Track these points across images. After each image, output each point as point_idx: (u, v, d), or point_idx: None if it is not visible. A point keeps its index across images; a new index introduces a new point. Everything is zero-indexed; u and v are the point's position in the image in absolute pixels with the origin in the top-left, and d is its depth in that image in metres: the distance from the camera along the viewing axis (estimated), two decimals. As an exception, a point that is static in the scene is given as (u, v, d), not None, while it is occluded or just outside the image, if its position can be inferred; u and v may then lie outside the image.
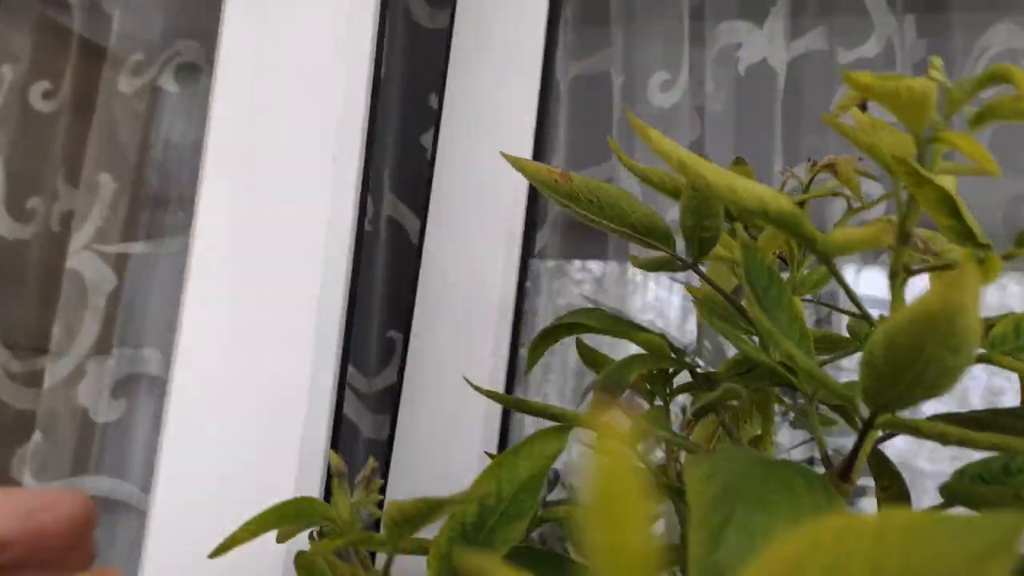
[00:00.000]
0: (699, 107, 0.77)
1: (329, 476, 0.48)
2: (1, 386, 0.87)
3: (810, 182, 0.45)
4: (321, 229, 0.45)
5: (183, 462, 0.48)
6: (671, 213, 0.75)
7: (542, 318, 0.73)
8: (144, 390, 0.84)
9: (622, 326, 0.40)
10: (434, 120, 0.61)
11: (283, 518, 0.25)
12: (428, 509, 0.27)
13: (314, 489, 0.46)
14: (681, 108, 0.75)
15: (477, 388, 0.37)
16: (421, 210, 0.56)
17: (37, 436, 0.82)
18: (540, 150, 0.58)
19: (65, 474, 0.83)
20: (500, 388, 0.53)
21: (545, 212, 0.76)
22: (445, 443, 0.52)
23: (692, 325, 0.81)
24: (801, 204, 0.45)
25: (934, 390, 0.24)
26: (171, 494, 0.47)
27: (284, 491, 0.45)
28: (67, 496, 0.24)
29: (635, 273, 0.79)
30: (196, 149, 0.89)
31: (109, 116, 0.89)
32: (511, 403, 0.37)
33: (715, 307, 0.43)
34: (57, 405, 0.83)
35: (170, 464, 0.47)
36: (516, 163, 0.42)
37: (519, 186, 0.55)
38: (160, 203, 0.88)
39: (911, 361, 0.23)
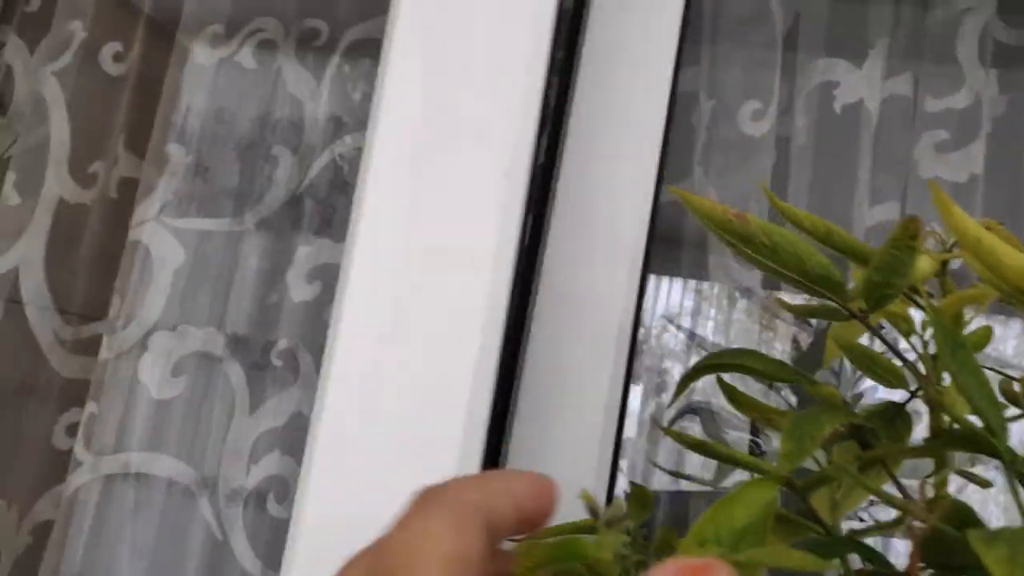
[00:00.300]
0: (784, 138, 0.78)
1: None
2: (51, 352, 0.86)
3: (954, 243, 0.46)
4: (492, 238, 0.45)
5: (332, 470, 0.47)
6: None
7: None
8: (204, 370, 0.83)
9: (789, 373, 0.40)
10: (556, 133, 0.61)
11: (555, 557, 0.25)
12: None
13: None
14: (768, 138, 0.76)
15: (666, 430, 0.37)
16: (541, 223, 0.56)
17: (91, 407, 0.81)
18: (660, 175, 0.58)
19: (113, 449, 0.82)
20: (615, 411, 0.53)
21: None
22: (558, 464, 0.52)
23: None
24: (944, 264, 0.46)
25: None
26: (320, 505, 0.47)
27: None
28: (549, 484, 0.26)
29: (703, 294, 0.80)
30: (269, 127, 0.88)
31: (180, 86, 0.88)
32: (693, 445, 0.38)
33: (856, 356, 0.44)
34: (113, 377, 0.82)
35: (319, 473, 0.47)
36: (686, 199, 0.42)
37: (642, 202, 0.56)
38: (229, 179, 0.87)
39: None
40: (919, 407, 0.39)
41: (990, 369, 0.58)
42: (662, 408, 0.70)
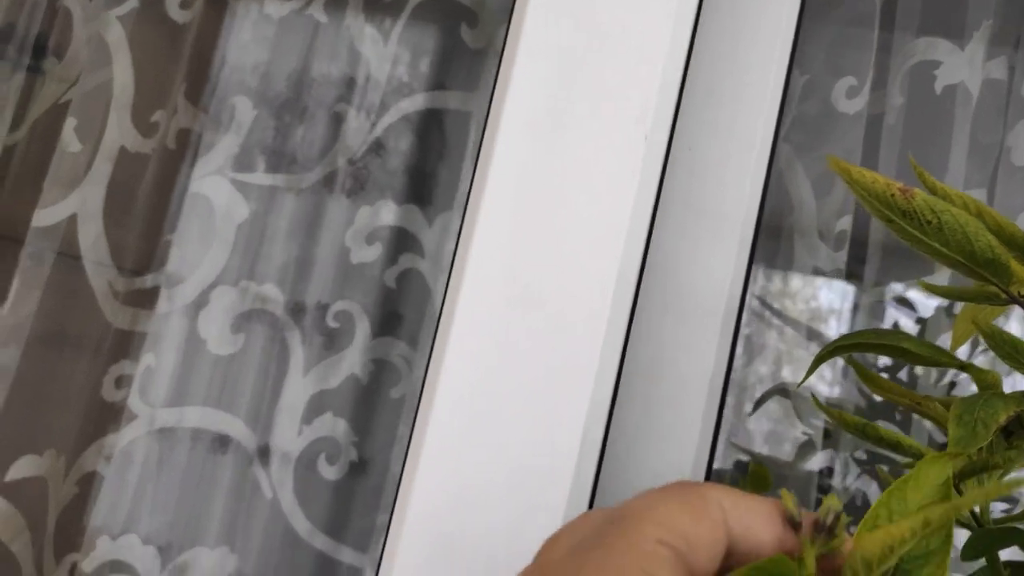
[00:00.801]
0: (877, 116, 0.75)
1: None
2: (105, 303, 0.84)
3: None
4: (627, 211, 0.43)
5: (446, 442, 0.45)
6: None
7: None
8: (264, 327, 0.81)
9: (946, 356, 0.39)
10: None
11: None
12: (890, 548, 0.25)
13: (585, 495, 0.44)
14: (861, 116, 0.74)
15: (821, 406, 0.35)
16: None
17: (148, 359, 0.80)
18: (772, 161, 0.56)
19: (171, 402, 0.80)
20: (717, 395, 0.51)
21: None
22: (659, 448, 0.50)
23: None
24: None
25: None
26: (430, 478, 0.45)
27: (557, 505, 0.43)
28: (776, 510, 0.25)
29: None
30: (335, 83, 0.86)
31: (249, 37, 0.85)
32: (853, 426, 0.36)
33: (998, 342, 0.42)
34: (170, 330, 0.80)
35: (432, 443, 0.45)
36: (844, 171, 0.40)
37: (754, 181, 0.53)
38: (294, 135, 0.84)
39: None
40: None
41: None
42: (746, 390, 0.68)
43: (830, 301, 0.72)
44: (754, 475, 0.38)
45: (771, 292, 0.73)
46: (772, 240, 0.76)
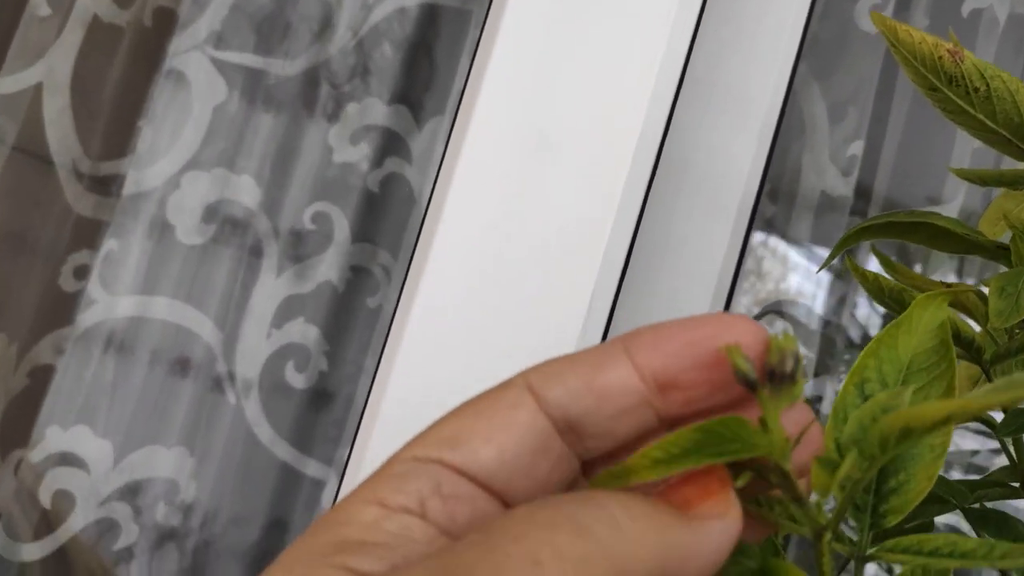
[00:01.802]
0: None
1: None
2: (68, 184, 0.79)
3: None
4: (651, 80, 0.39)
5: (437, 314, 0.42)
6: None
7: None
8: (234, 222, 0.77)
9: (984, 238, 0.35)
10: None
11: (701, 452, 0.17)
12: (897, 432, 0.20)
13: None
14: (883, 36, 0.70)
15: (857, 269, 0.32)
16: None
17: (110, 244, 0.75)
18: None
19: (132, 290, 0.76)
20: (726, 287, 0.48)
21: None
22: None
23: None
24: None
25: None
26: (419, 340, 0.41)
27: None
28: (734, 320, 0.19)
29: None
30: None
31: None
32: (888, 294, 0.33)
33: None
34: (137, 215, 0.76)
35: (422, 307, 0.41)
36: (890, 29, 0.37)
37: (780, 71, 0.50)
38: (283, 16, 0.79)
39: None
40: None
41: None
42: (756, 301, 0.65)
43: (836, 223, 0.69)
44: (778, 347, 0.34)
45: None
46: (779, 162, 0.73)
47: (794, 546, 0.73)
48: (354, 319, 0.84)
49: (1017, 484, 0.33)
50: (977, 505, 0.33)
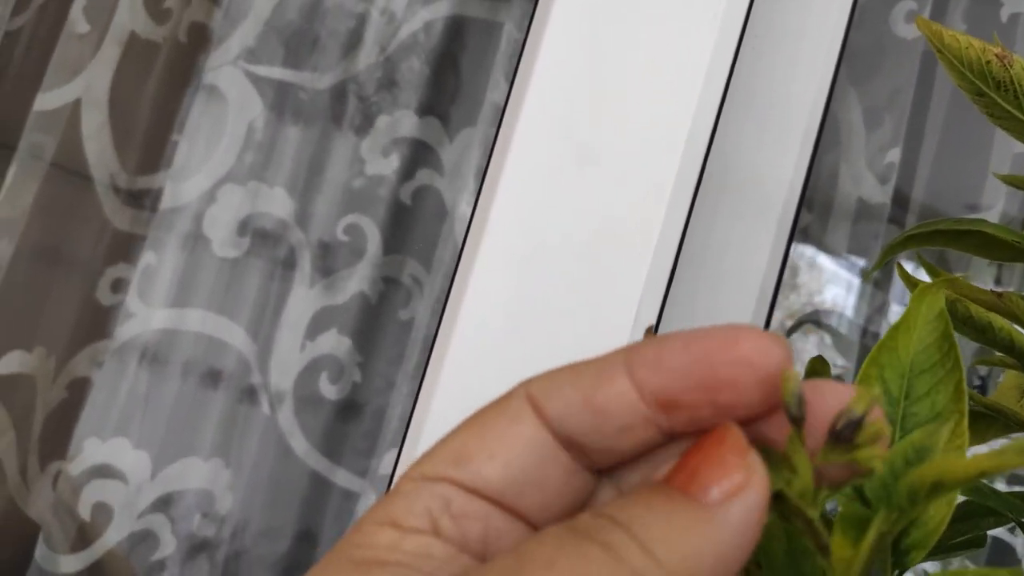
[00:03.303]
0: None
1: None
2: (107, 203, 0.80)
3: None
4: (695, 95, 0.38)
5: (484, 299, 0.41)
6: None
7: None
8: (269, 235, 0.77)
9: (1036, 245, 0.35)
10: None
11: None
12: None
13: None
14: (919, 42, 0.69)
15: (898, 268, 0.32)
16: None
17: (148, 257, 0.76)
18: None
19: (169, 303, 0.77)
20: (769, 295, 0.48)
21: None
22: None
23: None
24: None
25: None
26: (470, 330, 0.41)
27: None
28: (743, 333, 0.17)
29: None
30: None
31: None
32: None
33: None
34: (174, 228, 0.76)
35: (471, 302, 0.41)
36: (935, 34, 0.36)
37: (820, 85, 0.49)
38: (314, 32, 0.80)
39: None
40: None
41: None
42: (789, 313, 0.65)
43: (874, 231, 0.68)
44: (812, 372, 0.34)
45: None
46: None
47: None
48: (386, 331, 0.84)
49: (1074, 498, 0.32)
50: (1033, 519, 0.32)
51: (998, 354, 0.34)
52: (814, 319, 0.64)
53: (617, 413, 0.18)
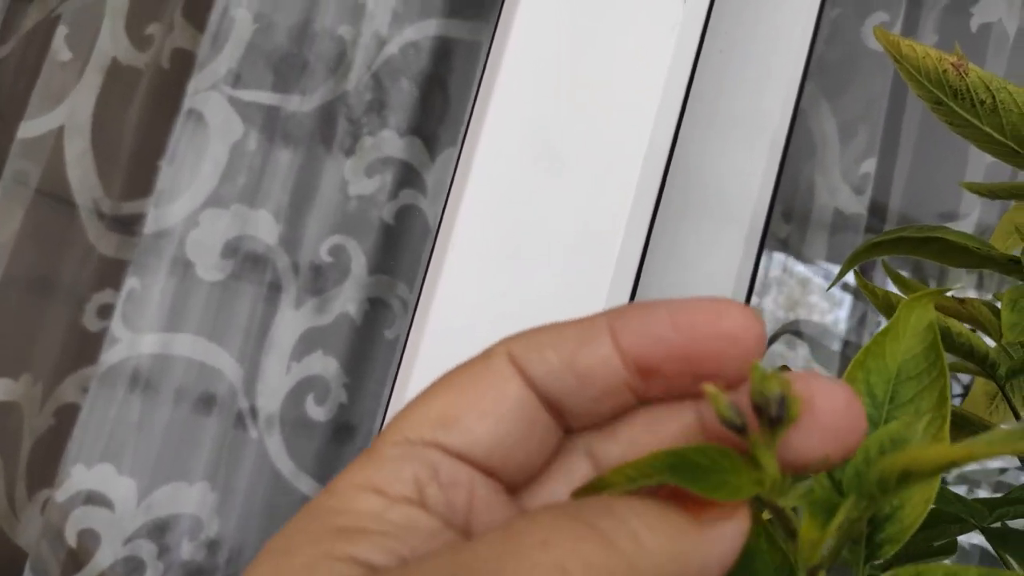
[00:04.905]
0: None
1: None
2: (91, 229, 0.80)
3: None
4: (654, 104, 0.39)
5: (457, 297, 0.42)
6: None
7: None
8: (254, 257, 0.78)
9: (997, 252, 0.35)
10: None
11: (676, 477, 0.16)
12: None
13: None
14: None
15: (865, 285, 0.32)
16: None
17: (132, 283, 0.76)
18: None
19: (154, 328, 0.77)
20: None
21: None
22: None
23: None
24: None
25: None
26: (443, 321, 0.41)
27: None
28: (727, 307, 0.18)
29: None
30: (339, 7, 0.82)
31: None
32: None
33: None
34: (157, 252, 0.77)
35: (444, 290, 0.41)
36: (893, 45, 0.37)
37: (788, 90, 0.50)
38: (297, 55, 0.81)
39: None
40: None
41: None
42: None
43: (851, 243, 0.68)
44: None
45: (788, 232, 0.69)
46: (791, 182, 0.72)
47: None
48: (372, 351, 0.84)
49: (1040, 501, 0.32)
50: (998, 524, 0.32)
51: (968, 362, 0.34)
52: (794, 329, 0.64)
53: (600, 377, 0.18)
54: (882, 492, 0.18)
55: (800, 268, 0.68)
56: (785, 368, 0.42)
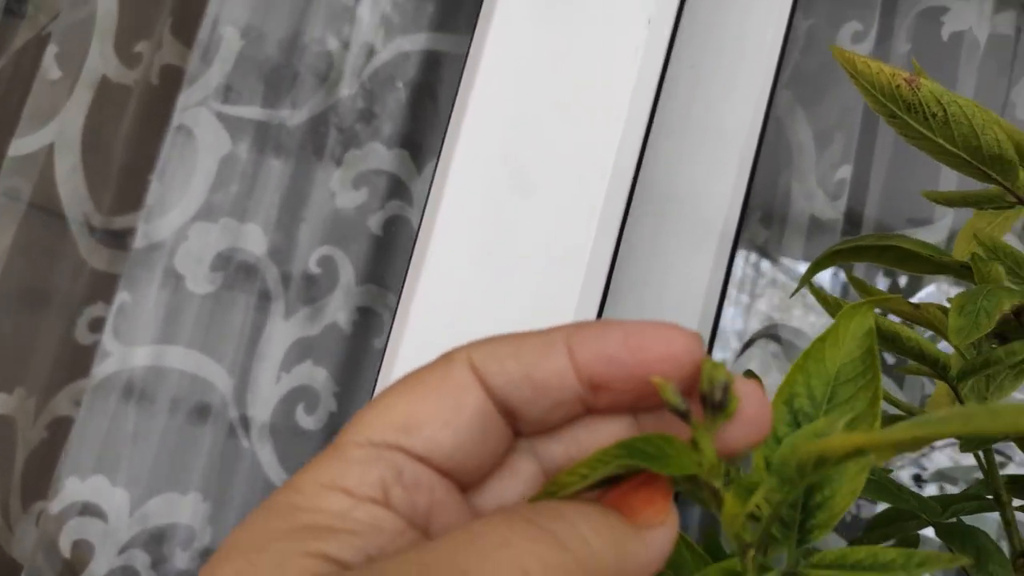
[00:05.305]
0: (882, 60, 0.73)
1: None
2: (82, 243, 0.81)
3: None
4: (621, 117, 0.40)
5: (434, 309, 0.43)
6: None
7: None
8: (243, 269, 0.79)
9: (950, 259, 0.36)
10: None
11: (636, 459, 0.18)
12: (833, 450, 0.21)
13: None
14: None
15: (814, 291, 0.33)
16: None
17: (123, 296, 0.77)
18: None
19: (145, 341, 0.78)
20: (711, 315, 0.49)
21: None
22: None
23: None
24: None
25: None
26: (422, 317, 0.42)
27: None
28: (676, 334, 0.20)
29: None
30: (325, 20, 0.83)
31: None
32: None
33: (1001, 255, 0.40)
34: (147, 266, 0.78)
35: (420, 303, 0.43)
36: (848, 61, 0.38)
37: (757, 102, 0.51)
38: (283, 69, 0.82)
39: None
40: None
41: None
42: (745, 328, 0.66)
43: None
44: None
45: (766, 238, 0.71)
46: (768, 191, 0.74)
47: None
48: (362, 360, 0.86)
49: (991, 497, 0.33)
50: (954, 520, 0.33)
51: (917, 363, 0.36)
52: (771, 333, 0.65)
53: (555, 389, 0.20)
54: (800, 476, 0.19)
55: (777, 272, 0.69)
56: (751, 373, 0.44)
